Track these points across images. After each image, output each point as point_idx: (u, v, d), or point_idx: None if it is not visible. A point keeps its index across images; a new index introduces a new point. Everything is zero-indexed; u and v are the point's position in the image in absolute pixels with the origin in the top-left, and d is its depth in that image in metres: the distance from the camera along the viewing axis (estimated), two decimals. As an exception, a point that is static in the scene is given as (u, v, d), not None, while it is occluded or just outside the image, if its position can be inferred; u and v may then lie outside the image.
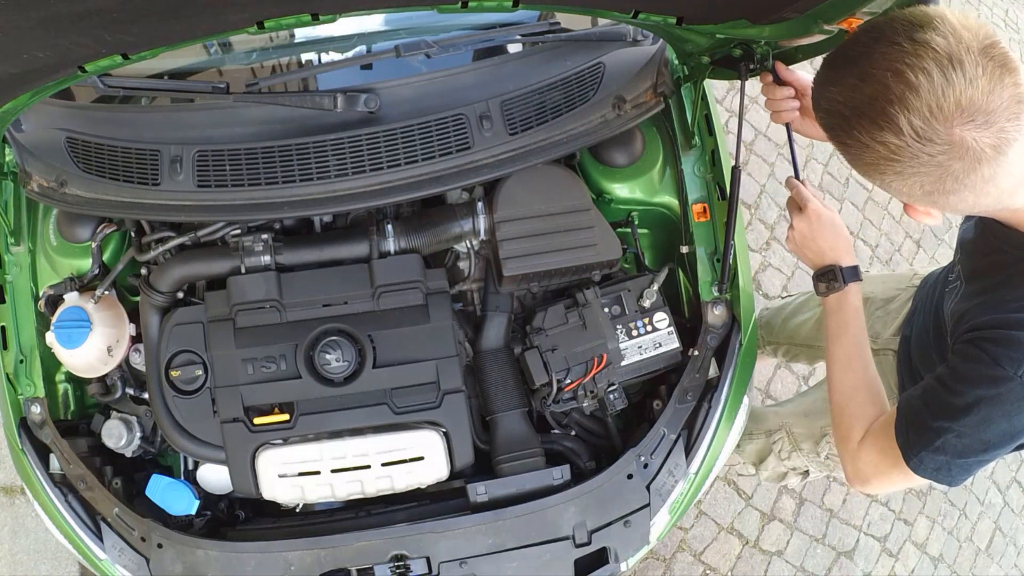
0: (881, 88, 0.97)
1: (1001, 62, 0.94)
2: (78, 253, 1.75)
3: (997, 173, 0.99)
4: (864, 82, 0.99)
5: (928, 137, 0.96)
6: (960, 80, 0.93)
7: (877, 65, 0.98)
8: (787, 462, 2.15)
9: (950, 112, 0.94)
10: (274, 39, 1.84)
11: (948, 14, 0.96)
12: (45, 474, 1.67)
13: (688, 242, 1.83)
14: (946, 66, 0.93)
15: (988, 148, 0.96)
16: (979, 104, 0.94)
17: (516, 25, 1.84)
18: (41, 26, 1.00)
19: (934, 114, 0.95)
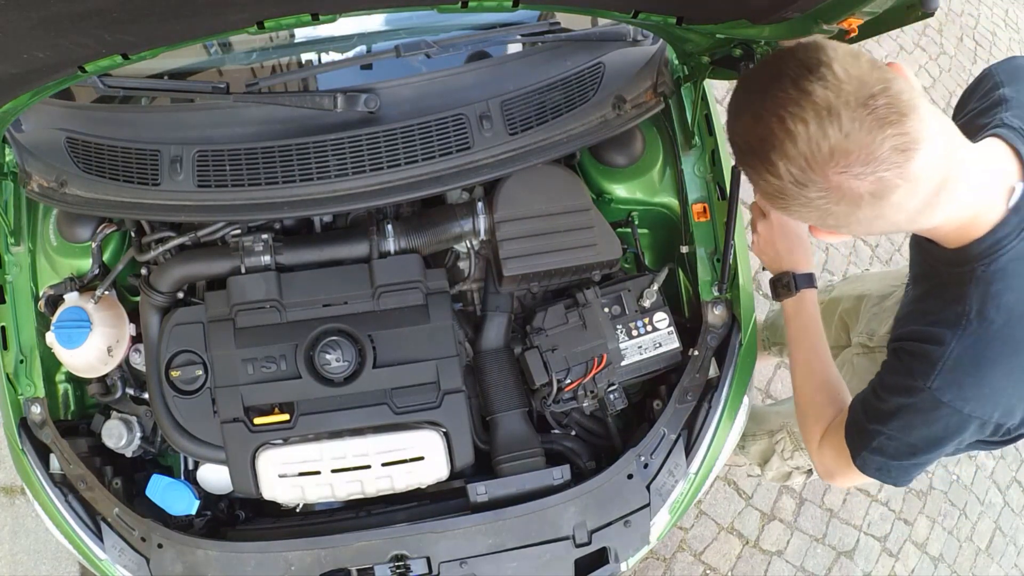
0: (768, 132, 1.00)
1: (882, 115, 0.94)
2: (78, 253, 1.75)
3: (882, 214, 1.01)
4: (756, 123, 1.02)
5: (804, 183, 0.99)
6: (835, 132, 0.95)
7: (767, 108, 1.00)
8: (790, 461, 2.15)
9: (824, 161, 0.96)
10: (274, 39, 1.84)
11: (836, 61, 0.97)
12: (45, 474, 1.67)
13: (688, 242, 1.83)
14: (823, 118, 0.95)
15: (866, 194, 0.98)
16: (855, 155, 0.95)
17: (516, 25, 1.84)
18: (41, 26, 1.00)
19: (809, 163, 0.97)
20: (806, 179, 0.98)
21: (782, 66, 1.00)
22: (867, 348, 1.87)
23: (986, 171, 1.08)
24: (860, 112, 0.94)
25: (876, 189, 0.97)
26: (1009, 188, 1.09)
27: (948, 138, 1.01)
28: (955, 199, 1.04)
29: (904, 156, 0.95)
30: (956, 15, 4.55)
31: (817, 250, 3.48)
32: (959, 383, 1.14)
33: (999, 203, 1.08)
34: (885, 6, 1.14)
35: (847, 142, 0.94)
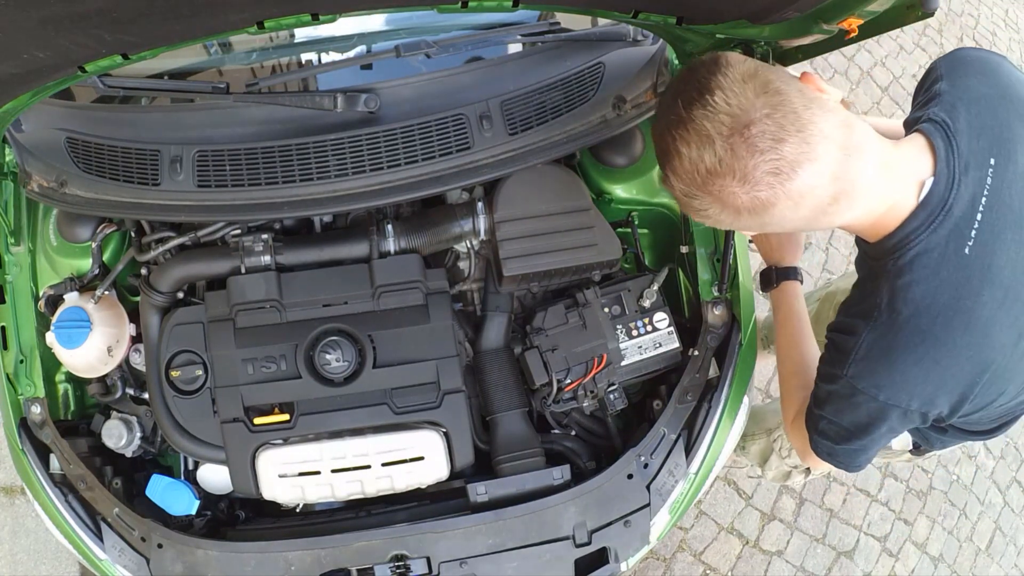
0: (665, 146, 1.14)
1: (754, 142, 1.03)
2: (78, 253, 1.75)
3: (768, 222, 1.11)
4: (659, 136, 1.16)
5: (691, 195, 1.12)
6: (710, 156, 1.06)
7: (665, 124, 1.13)
8: (788, 460, 2.15)
9: (702, 180, 1.08)
10: (274, 39, 1.84)
11: (720, 89, 1.06)
12: (45, 474, 1.67)
13: (688, 242, 1.83)
14: (701, 143, 1.06)
15: (744, 209, 1.08)
16: (730, 175, 1.05)
17: (516, 25, 1.84)
18: (41, 26, 1.00)
19: (692, 179, 1.09)
20: (691, 193, 1.11)
21: (682, 86, 1.12)
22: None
23: (898, 169, 1.13)
24: (734, 139, 1.04)
25: (753, 206, 1.07)
26: (920, 183, 1.14)
27: (846, 153, 1.07)
28: (856, 205, 1.11)
29: (779, 179, 1.04)
30: (956, 15, 4.55)
31: (817, 250, 3.48)
32: (871, 371, 1.21)
33: (910, 198, 1.14)
34: (885, 6, 1.14)
35: (720, 167, 1.05)
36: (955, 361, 1.18)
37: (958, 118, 1.17)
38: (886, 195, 1.13)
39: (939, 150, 1.15)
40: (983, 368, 1.20)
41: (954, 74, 1.25)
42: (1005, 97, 1.21)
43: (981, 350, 1.18)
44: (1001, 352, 1.19)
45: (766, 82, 1.06)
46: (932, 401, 1.23)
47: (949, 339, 1.16)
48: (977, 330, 1.16)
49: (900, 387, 1.20)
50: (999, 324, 1.17)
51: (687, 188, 1.11)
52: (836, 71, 3.96)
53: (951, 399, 1.23)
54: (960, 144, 1.15)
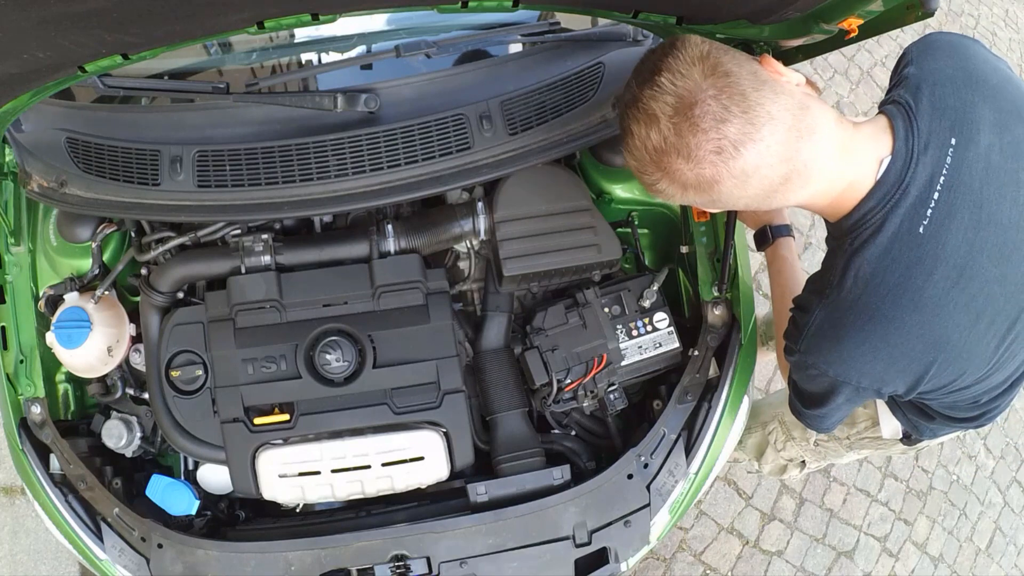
0: (621, 126, 1.18)
1: (697, 121, 1.07)
2: (78, 253, 1.75)
3: (716, 199, 1.15)
4: (619, 116, 1.20)
5: (641, 171, 1.17)
6: (656, 134, 1.10)
7: (623, 104, 1.17)
8: (783, 453, 2.16)
9: (650, 155, 1.12)
10: (274, 39, 1.84)
11: (667, 71, 1.10)
12: (45, 474, 1.67)
13: (688, 242, 1.83)
14: (648, 122, 1.11)
15: (691, 185, 1.12)
16: (674, 153, 1.10)
17: (516, 25, 1.84)
18: (41, 26, 1.00)
19: (642, 156, 1.14)
20: (640, 167, 1.16)
21: (639, 67, 1.16)
22: None
23: (856, 149, 1.15)
24: (678, 119, 1.08)
25: (699, 182, 1.11)
26: (879, 161, 1.15)
27: (797, 134, 1.09)
28: (810, 185, 1.14)
29: (722, 157, 1.08)
30: (956, 15, 4.55)
31: (817, 250, 3.48)
32: (820, 348, 1.25)
33: (868, 177, 1.16)
34: (885, 6, 1.14)
35: (665, 144, 1.10)
36: (904, 339, 1.19)
37: (921, 99, 1.18)
38: (843, 175, 1.15)
39: (898, 130, 1.16)
40: (936, 348, 1.20)
41: (922, 57, 1.25)
42: (971, 78, 1.21)
43: (932, 329, 1.18)
44: (956, 331, 1.19)
45: (716, 64, 1.09)
46: (882, 379, 1.25)
47: (897, 317, 1.17)
48: (927, 309, 1.16)
49: (848, 364, 1.23)
50: (952, 303, 1.17)
51: (638, 164, 1.16)
52: (836, 71, 3.97)
53: (904, 378, 1.25)
54: (920, 124, 1.16)
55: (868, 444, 1.93)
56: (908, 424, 1.71)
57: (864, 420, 1.85)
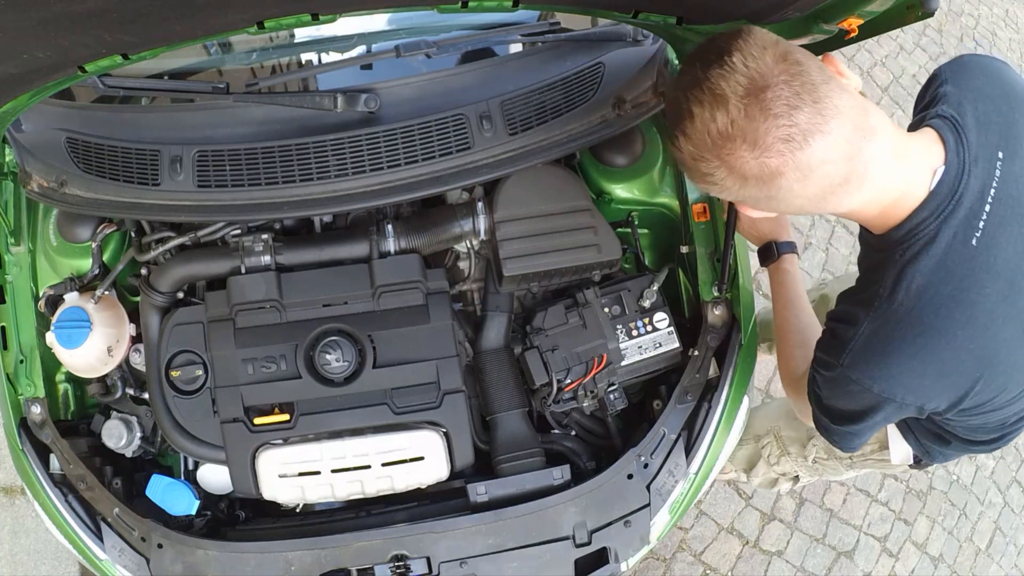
0: (677, 108, 1.11)
1: (768, 106, 1.01)
2: (78, 253, 1.75)
3: (774, 195, 1.09)
4: (672, 99, 1.13)
5: (699, 158, 1.09)
6: (723, 117, 1.03)
7: (680, 86, 1.11)
8: (776, 467, 2.13)
9: (713, 141, 1.06)
10: (274, 39, 1.84)
11: (739, 51, 1.04)
12: (45, 474, 1.67)
13: (688, 242, 1.83)
14: (715, 103, 1.04)
15: (752, 176, 1.06)
16: (740, 138, 1.03)
17: (516, 25, 1.84)
18: (41, 26, 1.00)
19: (703, 141, 1.07)
20: (700, 156, 1.08)
21: (702, 50, 1.09)
22: None
23: (910, 157, 1.13)
24: (749, 100, 1.02)
25: (761, 173, 1.05)
26: (932, 171, 1.13)
27: (861, 134, 1.05)
28: (866, 189, 1.10)
29: (790, 146, 1.02)
30: (956, 15, 4.55)
31: (817, 250, 3.48)
32: (867, 362, 1.19)
33: (921, 187, 1.13)
34: (885, 6, 1.14)
35: (732, 128, 1.03)
36: (955, 354, 1.16)
37: (965, 114, 1.18)
38: (897, 182, 1.12)
39: (949, 142, 1.14)
40: (984, 363, 1.18)
41: (957, 77, 1.25)
42: (1008, 96, 1.22)
43: (983, 344, 1.16)
44: (1004, 347, 1.18)
45: (786, 51, 1.05)
46: (928, 395, 1.22)
47: (950, 332, 1.14)
48: (979, 323, 1.14)
49: (896, 380, 1.19)
50: (1001, 318, 1.15)
51: (696, 151, 1.08)
52: (836, 71, 3.96)
53: (949, 395, 1.22)
54: (969, 137, 1.15)
55: (872, 465, 1.90)
56: (920, 449, 1.68)
57: (872, 443, 1.80)
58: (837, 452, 1.92)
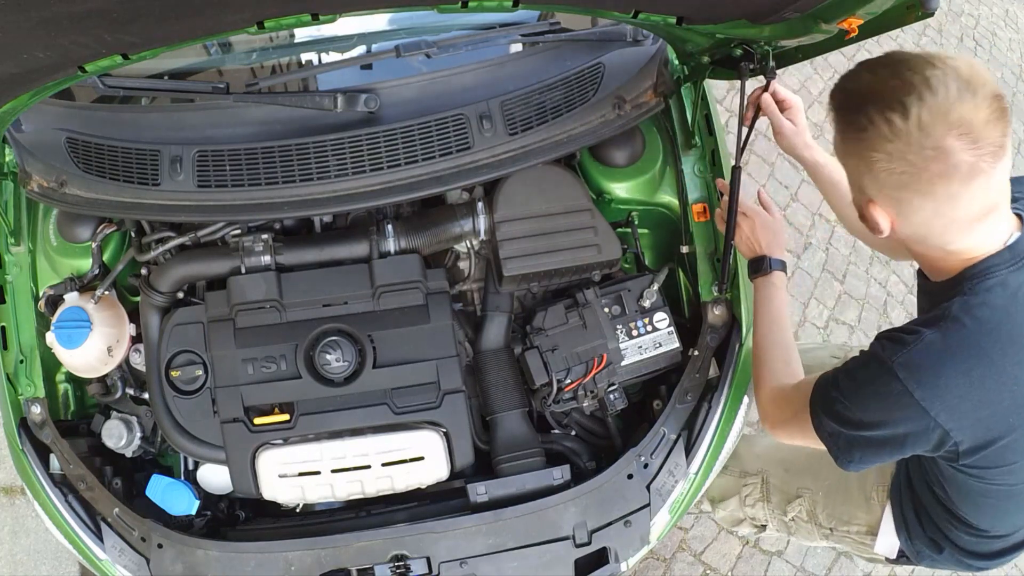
0: (906, 84, 1.12)
1: (1003, 109, 1.11)
2: (78, 253, 1.75)
3: (961, 195, 1.13)
4: (894, 77, 1.14)
5: (927, 131, 1.10)
6: (970, 102, 1.09)
7: (910, 67, 1.13)
8: (749, 510, 2.06)
9: (951, 122, 1.09)
10: (274, 39, 1.84)
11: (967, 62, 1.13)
12: (45, 474, 1.67)
13: (688, 242, 1.83)
14: (963, 87, 1.09)
15: (964, 167, 1.10)
16: (975, 129, 1.09)
17: (516, 25, 1.84)
18: (41, 26, 1.00)
19: (939, 116, 1.09)
20: (930, 128, 1.10)
21: (926, 54, 1.14)
22: None
23: (1000, 217, 1.23)
24: (991, 97, 1.10)
25: (970, 169, 1.10)
26: (1009, 234, 1.24)
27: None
28: (984, 227, 1.19)
29: (994, 157, 1.10)
30: (956, 15, 4.55)
31: (817, 250, 3.48)
32: (918, 367, 1.21)
33: (997, 243, 1.23)
34: (885, 6, 1.14)
35: (974, 114, 1.09)
36: (999, 390, 1.21)
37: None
38: (990, 234, 1.22)
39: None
40: (1018, 410, 1.23)
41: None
42: None
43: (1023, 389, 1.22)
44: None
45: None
46: (960, 422, 1.22)
47: (1001, 365, 1.20)
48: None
49: (938, 393, 1.20)
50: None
51: (928, 122, 1.10)
52: (836, 71, 3.96)
53: (977, 432, 1.24)
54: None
55: (851, 545, 1.88)
56: (910, 549, 1.69)
57: (861, 524, 1.79)
58: (818, 518, 1.88)
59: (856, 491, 1.79)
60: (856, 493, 1.79)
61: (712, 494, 2.15)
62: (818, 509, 1.88)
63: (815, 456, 1.85)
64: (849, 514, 1.82)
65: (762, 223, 1.67)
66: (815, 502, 1.88)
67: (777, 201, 3.48)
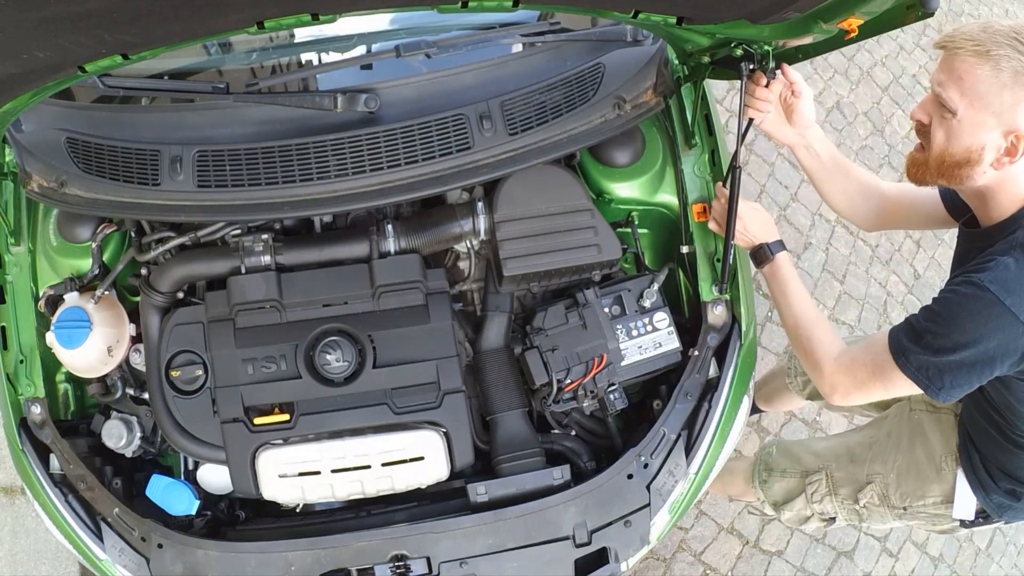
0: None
1: None
2: (78, 253, 1.75)
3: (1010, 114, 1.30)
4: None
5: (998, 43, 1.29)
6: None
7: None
8: (817, 505, 2.07)
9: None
10: (274, 39, 1.84)
11: None
12: (45, 474, 1.67)
13: (688, 242, 1.83)
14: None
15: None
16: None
17: (516, 25, 1.84)
18: (41, 26, 1.00)
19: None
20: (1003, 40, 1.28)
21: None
22: (932, 407, 1.87)
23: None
24: None
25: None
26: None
27: None
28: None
29: None
30: (956, 15, 4.55)
31: (817, 250, 3.48)
32: (1005, 281, 1.34)
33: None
34: (885, 6, 1.14)
35: None
36: None
37: None
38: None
39: None
40: None
41: None
42: None
43: None
44: None
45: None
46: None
47: None
48: None
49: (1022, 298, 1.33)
50: None
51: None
52: (836, 71, 3.97)
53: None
54: None
55: (926, 519, 1.88)
56: (989, 504, 1.71)
57: (936, 496, 1.81)
58: (891, 499, 1.90)
59: (926, 465, 1.82)
60: (926, 467, 1.82)
61: (775, 498, 2.17)
62: (890, 491, 1.90)
63: (880, 441, 1.93)
64: (923, 489, 1.83)
65: (750, 215, 1.71)
66: (887, 484, 1.90)
67: (777, 201, 3.49)
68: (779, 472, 2.14)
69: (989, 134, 1.35)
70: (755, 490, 2.20)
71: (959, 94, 1.34)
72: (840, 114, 3.85)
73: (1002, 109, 1.32)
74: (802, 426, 3.12)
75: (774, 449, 2.20)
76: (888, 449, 1.91)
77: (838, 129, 3.80)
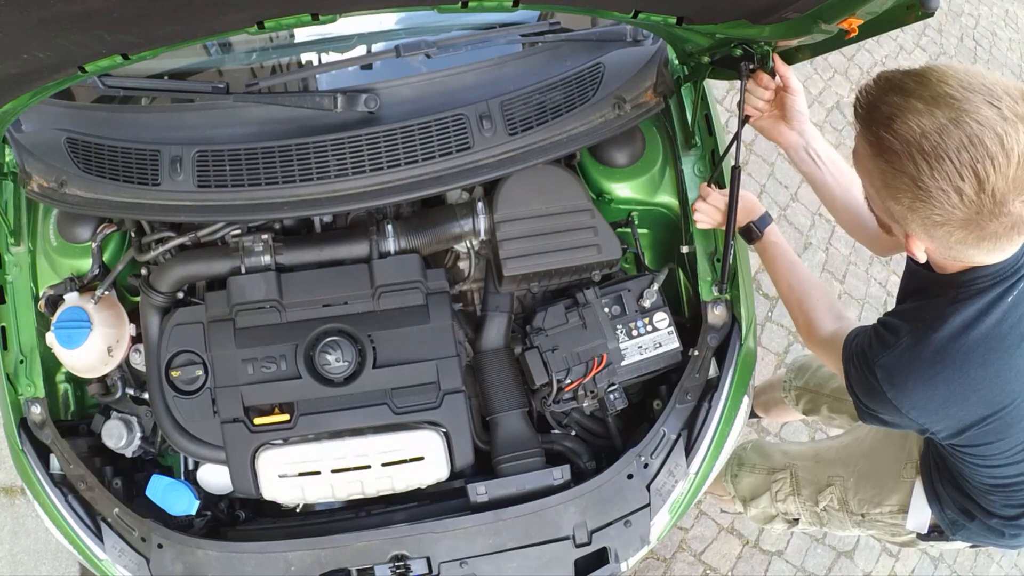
0: (976, 142, 1.04)
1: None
2: (78, 253, 1.75)
3: (998, 241, 1.15)
4: (957, 127, 1.06)
5: (1001, 201, 1.07)
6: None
7: (977, 117, 1.05)
8: (780, 505, 2.09)
9: (1021, 185, 1.06)
10: (274, 39, 1.84)
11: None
12: (45, 474, 1.67)
13: (688, 242, 1.83)
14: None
15: (1018, 222, 1.11)
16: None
17: (516, 25, 1.84)
18: (41, 26, 1.00)
19: (1016, 183, 1.06)
20: (1004, 197, 1.06)
21: (982, 85, 1.06)
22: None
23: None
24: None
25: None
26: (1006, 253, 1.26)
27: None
28: (984, 246, 1.18)
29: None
30: (956, 15, 4.56)
31: (817, 250, 3.48)
32: (891, 372, 1.33)
33: (997, 258, 1.24)
34: (885, 6, 1.14)
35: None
36: (963, 390, 1.30)
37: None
38: (1001, 252, 1.23)
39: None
40: (990, 407, 1.32)
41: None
42: None
43: (992, 389, 1.29)
44: (1010, 396, 1.32)
45: None
46: (931, 419, 1.36)
47: (964, 369, 1.27)
48: (992, 369, 1.27)
49: (907, 395, 1.32)
50: (1015, 370, 1.29)
51: (1004, 192, 1.07)
52: (836, 71, 3.96)
53: (949, 424, 1.36)
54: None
55: (882, 528, 1.89)
56: (943, 519, 1.71)
57: (892, 504, 1.82)
58: (850, 505, 1.91)
59: (886, 472, 1.82)
60: (886, 474, 1.82)
61: (743, 494, 2.20)
62: (849, 496, 1.91)
63: (848, 445, 1.95)
64: (881, 496, 1.84)
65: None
66: (846, 489, 1.91)
67: (777, 201, 3.49)
68: (748, 467, 2.18)
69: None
70: (726, 484, 2.22)
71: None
72: (840, 114, 3.84)
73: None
74: (802, 426, 3.12)
75: (749, 445, 2.23)
76: (853, 453, 1.93)
77: (838, 129, 3.80)
